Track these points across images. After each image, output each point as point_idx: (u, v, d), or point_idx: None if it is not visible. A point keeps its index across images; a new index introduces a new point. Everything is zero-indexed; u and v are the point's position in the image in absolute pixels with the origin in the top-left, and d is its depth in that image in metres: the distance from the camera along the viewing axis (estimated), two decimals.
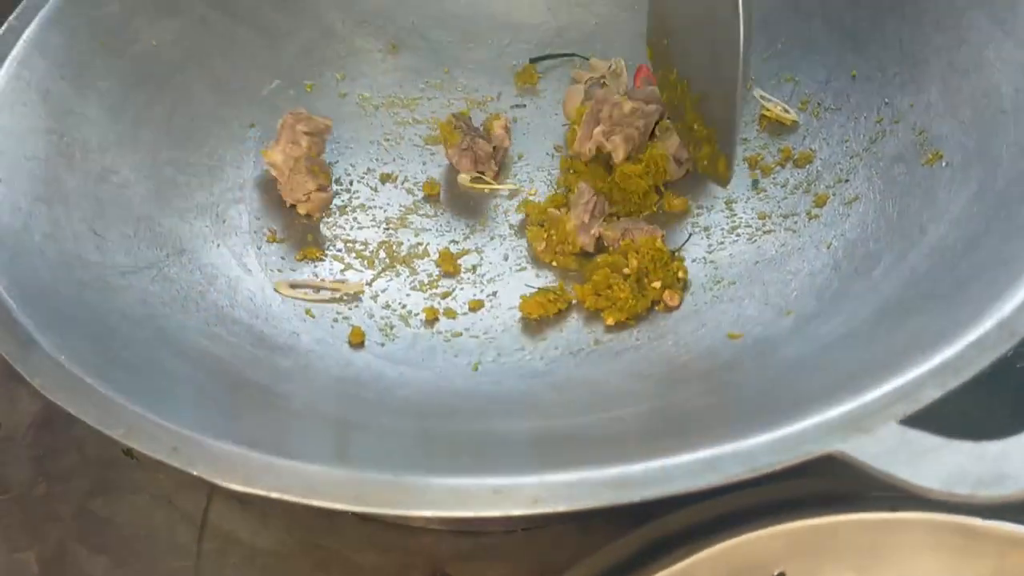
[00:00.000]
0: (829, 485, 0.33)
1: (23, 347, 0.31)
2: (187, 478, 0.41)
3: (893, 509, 0.31)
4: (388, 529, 0.40)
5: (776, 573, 0.32)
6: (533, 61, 0.55)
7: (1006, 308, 0.28)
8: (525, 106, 0.54)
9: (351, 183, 0.50)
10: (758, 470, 0.25)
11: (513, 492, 0.26)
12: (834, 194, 0.44)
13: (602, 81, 0.53)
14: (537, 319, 0.42)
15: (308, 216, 0.47)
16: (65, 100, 0.43)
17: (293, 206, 0.47)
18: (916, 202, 0.40)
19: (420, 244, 0.47)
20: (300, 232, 0.47)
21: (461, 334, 0.42)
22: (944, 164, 0.40)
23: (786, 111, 0.48)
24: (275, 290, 0.43)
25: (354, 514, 0.40)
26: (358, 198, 0.49)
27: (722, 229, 0.46)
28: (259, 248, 0.46)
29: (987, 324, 0.28)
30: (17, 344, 0.31)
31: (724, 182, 0.43)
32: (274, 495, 0.26)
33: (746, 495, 0.33)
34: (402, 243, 0.47)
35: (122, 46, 0.47)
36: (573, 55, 0.55)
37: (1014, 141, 0.37)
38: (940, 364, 0.27)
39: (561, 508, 0.25)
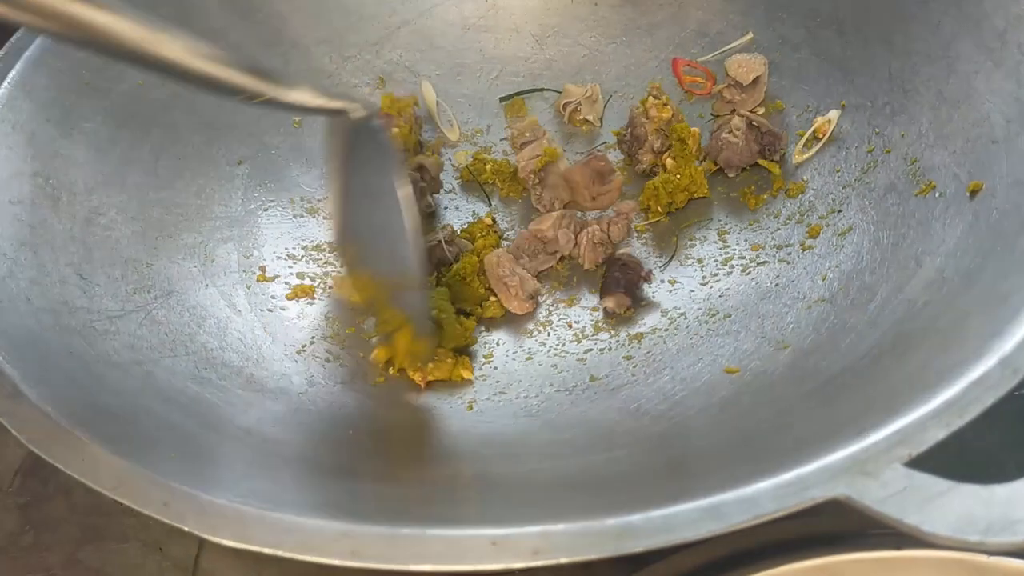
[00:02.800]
0: (834, 523, 0.32)
1: (10, 399, 0.30)
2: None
3: (898, 547, 0.31)
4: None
5: None
6: (503, 100, 0.54)
7: (1007, 345, 0.28)
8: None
9: None
10: (761, 517, 0.25)
11: (513, 544, 0.25)
12: (827, 225, 0.44)
13: (578, 106, 0.53)
14: (529, 357, 0.42)
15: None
16: (51, 142, 0.43)
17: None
18: (911, 233, 0.40)
19: None
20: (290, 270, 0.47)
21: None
22: (937, 195, 0.40)
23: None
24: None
25: None
26: None
27: (715, 260, 0.46)
28: (248, 287, 0.45)
29: (989, 362, 0.28)
30: (3, 397, 0.30)
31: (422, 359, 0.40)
32: (267, 551, 0.26)
33: (752, 534, 0.32)
34: None
35: (108, 86, 0.46)
36: (543, 89, 0.55)
37: (1007, 173, 0.37)
38: (943, 404, 0.27)
39: (563, 560, 0.25)
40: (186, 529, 0.27)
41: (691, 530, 0.25)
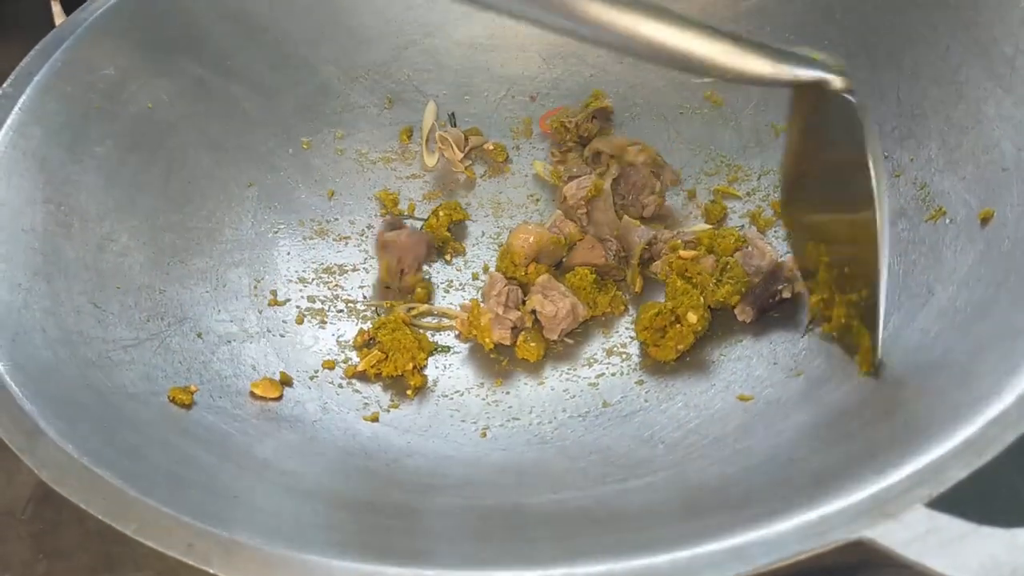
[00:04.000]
0: (853, 554, 0.32)
1: (30, 438, 0.31)
2: None
3: None
4: None
5: None
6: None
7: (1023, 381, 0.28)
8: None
9: (349, 239, 0.50)
10: (785, 560, 0.25)
11: None
12: None
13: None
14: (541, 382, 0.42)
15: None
16: (62, 168, 0.43)
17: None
18: (922, 260, 0.40)
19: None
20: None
21: (464, 394, 0.42)
22: (948, 221, 0.40)
23: None
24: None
25: None
26: (362, 254, 0.49)
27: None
28: (260, 312, 0.45)
29: (1008, 399, 0.28)
30: (24, 435, 0.31)
31: (867, 366, 0.36)
32: None
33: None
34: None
35: (118, 110, 0.46)
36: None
37: (1018, 202, 0.37)
38: (963, 443, 0.27)
39: None
40: (211, 572, 0.27)
41: (716, 571, 0.25)
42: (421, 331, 0.45)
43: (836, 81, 0.37)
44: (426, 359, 0.43)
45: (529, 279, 0.45)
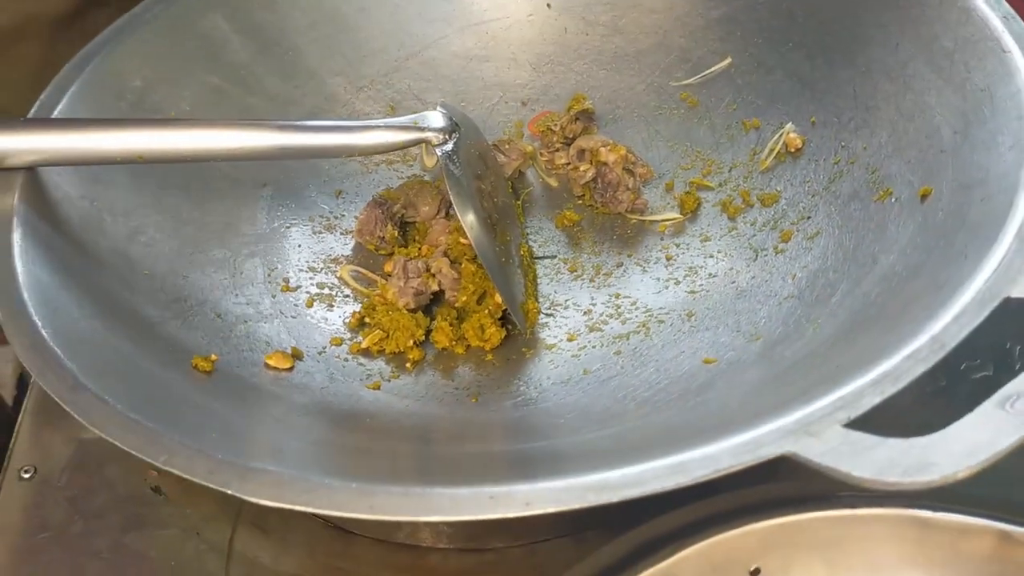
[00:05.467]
0: (797, 488, 0.36)
1: (72, 391, 0.35)
2: (212, 511, 0.45)
3: (854, 506, 0.35)
4: (399, 550, 0.43)
5: (752, 568, 0.35)
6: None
7: (937, 325, 0.32)
8: None
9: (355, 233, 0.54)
10: (721, 471, 0.29)
11: (507, 498, 0.29)
12: (798, 230, 0.48)
13: None
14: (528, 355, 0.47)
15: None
16: (93, 169, 0.48)
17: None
18: (869, 235, 0.44)
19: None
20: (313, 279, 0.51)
21: (458, 366, 0.46)
22: (893, 200, 0.44)
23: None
24: (339, 276, 0.51)
25: (368, 537, 0.43)
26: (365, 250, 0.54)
27: (698, 264, 0.50)
28: (274, 297, 0.50)
29: (922, 339, 0.32)
30: (67, 388, 0.35)
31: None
32: (299, 508, 0.30)
33: (723, 499, 0.36)
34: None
35: (143, 115, 0.51)
36: None
37: (952, 178, 0.41)
38: (879, 375, 0.31)
39: (550, 509, 0.29)
40: (229, 492, 0.31)
41: (660, 482, 0.29)
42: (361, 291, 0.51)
43: (435, 138, 0.47)
44: (423, 335, 0.48)
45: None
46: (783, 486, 0.36)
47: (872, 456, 0.28)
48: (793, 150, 0.52)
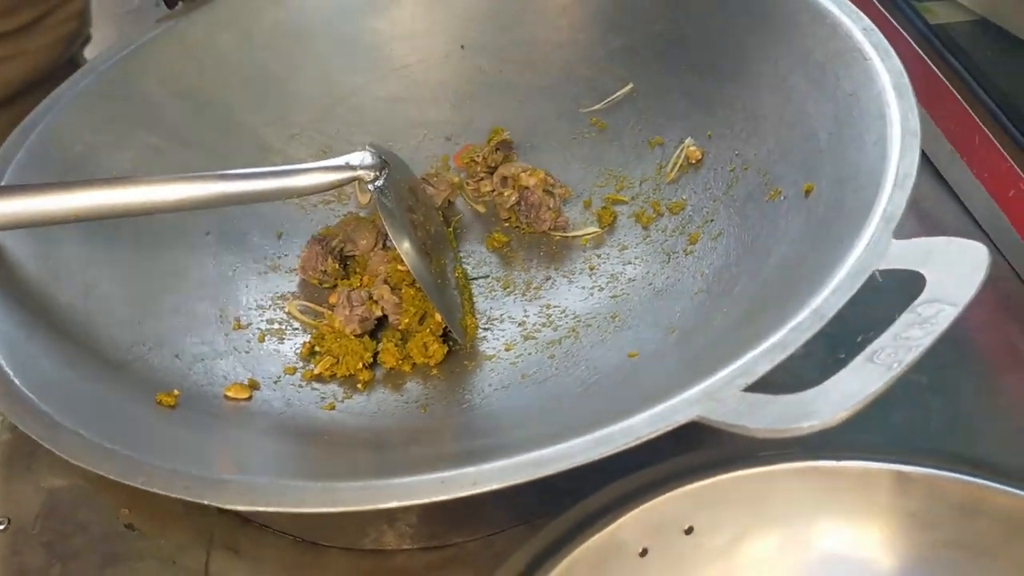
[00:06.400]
0: (722, 452, 0.41)
1: (49, 430, 0.38)
2: (185, 540, 0.48)
3: (770, 463, 0.40)
4: (367, 556, 0.46)
5: (687, 527, 0.39)
6: None
7: (817, 300, 0.37)
8: None
9: (298, 270, 0.58)
10: (641, 438, 0.33)
11: (456, 480, 0.33)
12: (703, 232, 0.53)
13: None
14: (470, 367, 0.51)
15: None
16: (45, 229, 0.50)
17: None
18: (764, 231, 0.49)
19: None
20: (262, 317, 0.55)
21: (406, 382, 0.50)
22: (783, 198, 0.49)
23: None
24: (287, 312, 0.54)
25: (336, 547, 0.47)
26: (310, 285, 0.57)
27: (618, 271, 0.55)
28: (227, 335, 0.53)
29: (804, 313, 0.37)
30: (44, 428, 0.38)
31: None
32: (271, 509, 0.33)
33: (657, 469, 0.40)
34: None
35: (89, 175, 0.54)
36: None
37: (830, 174, 0.47)
38: (770, 346, 0.36)
39: (495, 486, 0.33)
40: (205, 503, 0.34)
41: (587, 454, 0.33)
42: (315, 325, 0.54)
43: (366, 175, 0.52)
44: (371, 357, 0.51)
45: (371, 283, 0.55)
46: (709, 452, 0.40)
47: (765, 411, 0.32)
48: (694, 161, 0.57)
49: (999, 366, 0.53)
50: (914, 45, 0.64)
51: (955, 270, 0.34)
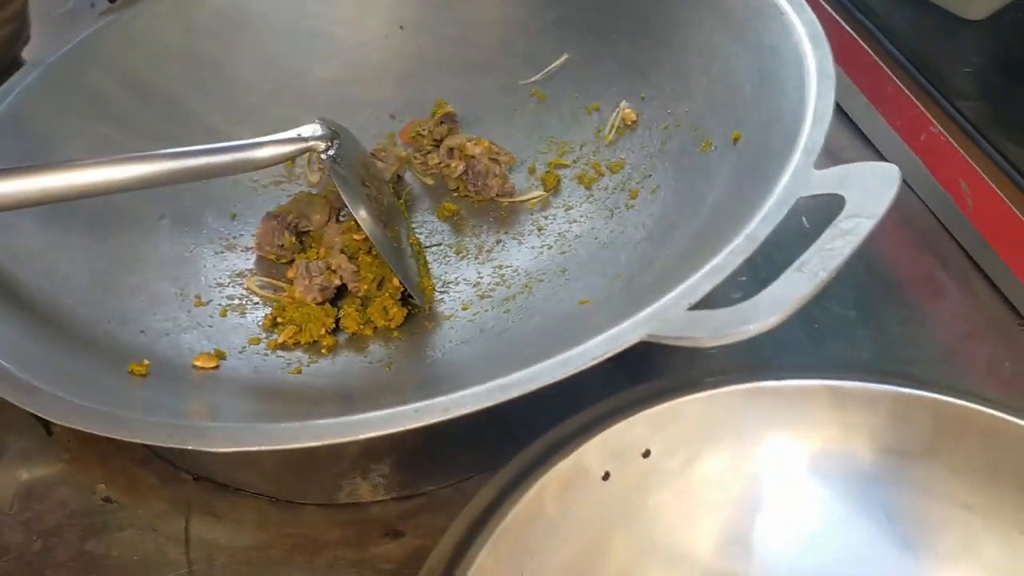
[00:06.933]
0: (675, 380, 0.43)
1: (29, 395, 0.39)
2: (164, 508, 0.49)
3: (717, 386, 0.43)
4: (344, 509, 0.48)
5: (644, 450, 0.42)
6: None
7: (751, 226, 0.40)
8: None
9: (254, 248, 0.59)
10: (597, 359, 0.36)
11: (429, 408, 0.35)
12: (643, 187, 0.56)
13: None
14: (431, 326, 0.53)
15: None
16: (2, 215, 0.51)
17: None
18: (699, 180, 0.52)
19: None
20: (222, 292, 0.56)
21: (369, 344, 0.52)
22: (714, 148, 0.53)
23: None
24: (246, 288, 0.56)
25: (312, 504, 0.48)
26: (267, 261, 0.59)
27: (566, 228, 0.57)
28: (189, 312, 0.54)
29: (739, 239, 0.40)
30: (23, 393, 0.39)
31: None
32: (254, 448, 0.35)
33: (616, 398, 0.43)
34: None
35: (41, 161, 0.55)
36: None
37: (756, 120, 0.50)
38: (710, 269, 0.39)
39: (466, 411, 0.35)
40: (189, 447, 0.36)
41: (550, 376, 0.36)
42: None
43: (318, 145, 0.53)
44: (333, 324, 0.53)
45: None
46: (663, 381, 0.43)
47: (708, 324, 0.35)
48: (630, 123, 0.60)
49: (921, 296, 0.57)
50: (826, 6, 0.68)
51: (870, 188, 0.38)
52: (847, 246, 0.36)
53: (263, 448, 0.35)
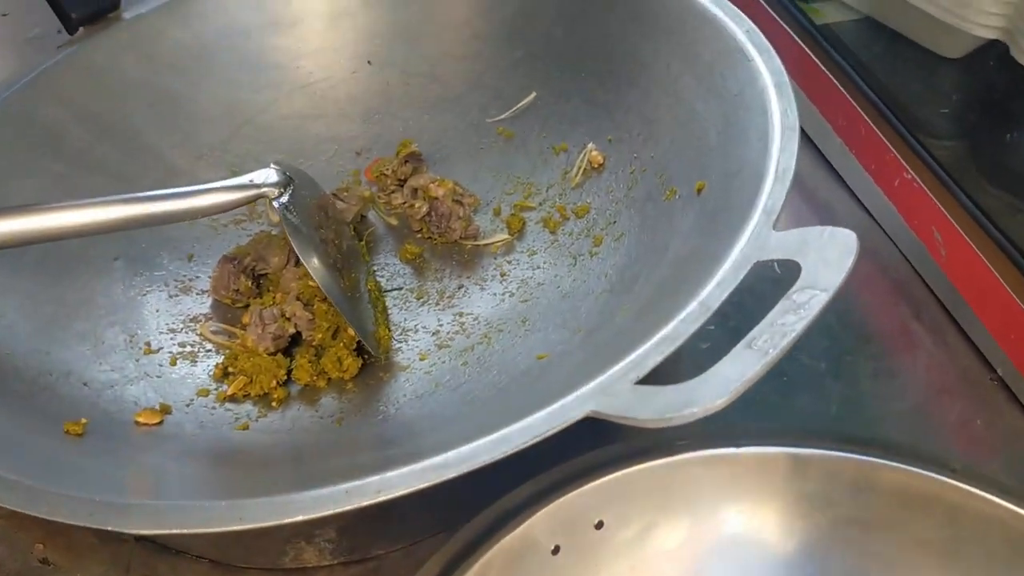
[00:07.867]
0: (628, 447, 0.42)
1: None
2: (101, 571, 0.47)
3: (671, 454, 0.41)
4: (290, 574, 0.47)
5: (596, 521, 0.41)
6: None
7: (704, 292, 0.39)
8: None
9: (210, 291, 0.58)
10: (539, 436, 0.34)
11: (360, 490, 0.34)
12: (607, 234, 0.55)
13: None
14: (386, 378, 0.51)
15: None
16: None
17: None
18: (662, 229, 0.51)
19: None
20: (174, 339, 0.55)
21: (320, 397, 0.50)
22: (678, 197, 0.51)
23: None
24: (199, 334, 0.54)
25: (256, 569, 0.47)
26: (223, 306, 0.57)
27: (527, 276, 0.56)
28: (137, 361, 0.53)
29: (692, 305, 0.38)
30: None
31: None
32: (176, 531, 0.34)
33: (567, 466, 0.41)
34: None
35: None
36: None
37: (720, 170, 0.48)
38: (660, 339, 0.37)
39: (397, 494, 0.33)
40: (110, 529, 0.34)
41: (489, 455, 0.34)
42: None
43: (271, 192, 0.52)
44: (285, 375, 0.51)
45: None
46: (616, 447, 0.42)
47: (653, 402, 0.33)
48: (596, 166, 0.58)
49: (894, 347, 0.56)
50: (802, 45, 0.66)
51: (827, 256, 0.36)
52: (799, 322, 0.34)
53: (185, 531, 0.34)
